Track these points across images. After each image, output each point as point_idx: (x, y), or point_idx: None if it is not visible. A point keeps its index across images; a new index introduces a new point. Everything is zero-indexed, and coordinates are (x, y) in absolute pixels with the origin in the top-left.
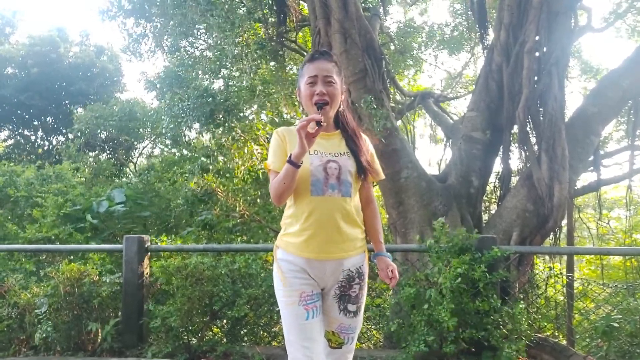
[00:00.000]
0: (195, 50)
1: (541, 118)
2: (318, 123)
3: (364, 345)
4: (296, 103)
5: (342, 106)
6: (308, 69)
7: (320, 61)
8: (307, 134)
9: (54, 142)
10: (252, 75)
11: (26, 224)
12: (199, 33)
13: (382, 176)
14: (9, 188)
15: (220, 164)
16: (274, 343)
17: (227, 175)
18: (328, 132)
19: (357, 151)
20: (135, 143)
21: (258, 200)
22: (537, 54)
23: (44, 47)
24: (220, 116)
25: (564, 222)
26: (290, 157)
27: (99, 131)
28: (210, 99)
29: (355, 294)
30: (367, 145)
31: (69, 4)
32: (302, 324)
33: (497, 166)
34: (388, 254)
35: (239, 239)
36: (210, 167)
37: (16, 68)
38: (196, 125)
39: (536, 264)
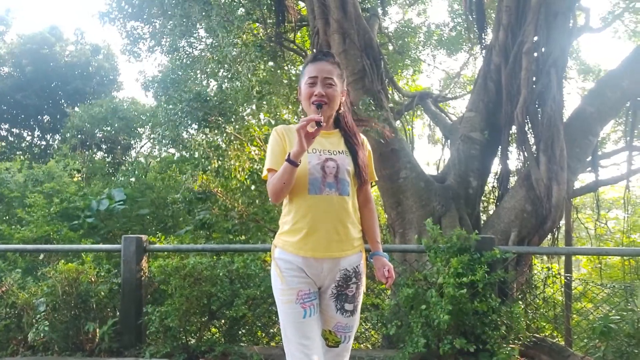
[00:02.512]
0: (194, 50)
1: (539, 118)
2: (318, 123)
3: (362, 345)
4: (292, 104)
5: (342, 108)
6: (309, 70)
7: (322, 62)
8: (306, 133)
9: (50, 142)
10: (250, 76)
11: (15, 226)
12: (197, 33)
13: (375, 178)
14: (2, 188)
15: (216, 164)
16: (272, 343)
17: (225, 175)
18: (327, 131)
19: (356, 150)
20: (133, 142)
21: (256, 200)
22: (535, 54)
23: (39, 46)
24: (215, 119)
25: (562, 222)
26: (289, 155)
27: (96, 130)
28: (204, 102)
29: (352, 293)
30: (366, 145)
31: (63, 2)
32: (300, 322)
33: (496, 166)
34: (385, 253)
35: (237, 239)
36: (208, 168)
37: (11, 67)
38: (194, 126)
39: (534, 264)
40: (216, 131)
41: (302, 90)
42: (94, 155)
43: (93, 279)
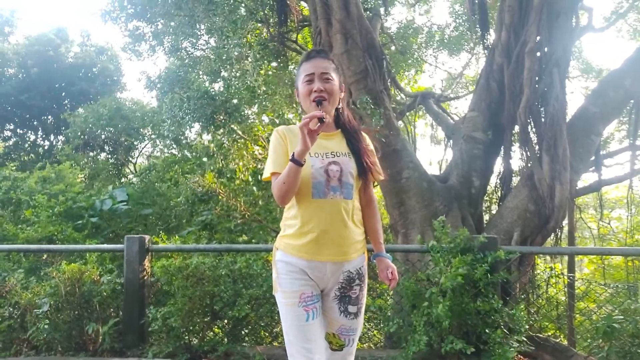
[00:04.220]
0: (196, 50)
1: (542, 118)
2: (320, 120)
3: (364, 345)
4: (295, 104)
5: (341, 104)
6: (305, 68)
7: (317, 59)
8: (309, 131)
9: (55, 142)
10: (255, 76)
11: (22, 225)
12: (200, 33)
13: (382, 176)
14: (12, 192)
15: (220, 164)
16: (275, 343)
17: (228, 175)
18: (328, 132)
19: (359, 151)
20: (136, 143)
21: (259, 200)
22: (538, 54)
23: (44, 47)
24: (221, 118)
25: (565, 222)
26: (293, 155)
27: (98, 131)
28: (211, 100)
29: (356, 295)
30: (368, 143)
31: (68, 3)
32: (302, 325)
33: (498, 166)
34: (388, 254)
35: (240, 239)
36: (212, 168)
37: (16, 68)
38: (197, 126)
39: (537, 264)
40: (221, 130)
41: (300, 90)
42: (97, 156)
43: (96, 279)
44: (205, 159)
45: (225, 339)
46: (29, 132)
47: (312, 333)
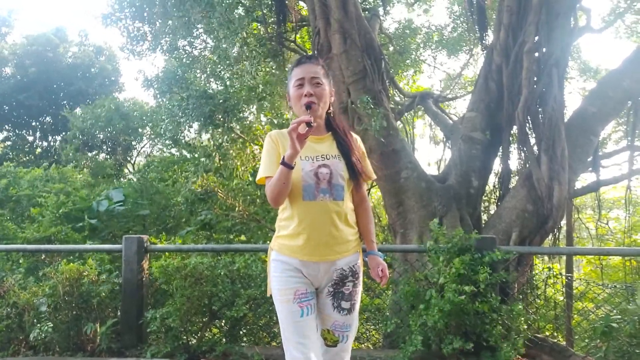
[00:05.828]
0: (194, 50)
1: (541, 118)
2: (308, 124)
3: (363, 345)
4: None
5: (331, 108)
6: (295, 73)
7: (307, 64)
8: (298, 135)
9: (53, 143)
10: (253, 75)
11: (26, 223)
12: (198, 33)
13: (374, 176)
14: (12, 187)
15: (219, 164)
16: (274, 343)
17: (227, 175)
18: (319, 135)
19: (349, 153)
20: (134, 143)
21: (257, 200)
22: (536, 54)
23: (42, 47)
24: (220, 117)
25: (563, 222)
26: (283, 159)
27: (97, 131)
28: (210, 99)
29: (349, 291)
30: (359, 145)
31: (66, 3)
32: (297, 322)
33: (497, 166)
34: (379, 252)
35: (238, 238)
36: (210, 167)
37: (14, 68)
38: (195, 126)
39: (535, 264)
40: (220, 130)
41: (291, 94)
42: (97, 156)
43: (94, 279)
44: (203, 159)
45: (224, 339)
46: (27, 132)
47: (307, 329)
